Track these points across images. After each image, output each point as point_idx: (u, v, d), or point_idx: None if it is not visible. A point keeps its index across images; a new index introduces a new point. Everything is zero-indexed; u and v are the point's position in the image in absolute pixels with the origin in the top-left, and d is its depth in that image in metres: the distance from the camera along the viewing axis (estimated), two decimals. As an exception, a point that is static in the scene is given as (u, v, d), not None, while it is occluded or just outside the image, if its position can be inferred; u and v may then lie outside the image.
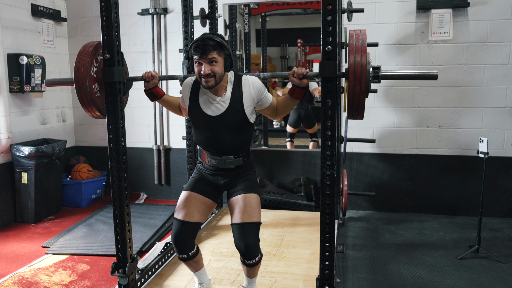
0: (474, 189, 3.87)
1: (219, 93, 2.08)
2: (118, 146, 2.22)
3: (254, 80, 2.11)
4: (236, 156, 2.12)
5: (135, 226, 3.63)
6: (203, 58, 1.95)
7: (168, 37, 4.52)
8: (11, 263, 3.08)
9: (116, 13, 2.16)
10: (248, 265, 2.11)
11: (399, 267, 2.94)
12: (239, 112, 2.06)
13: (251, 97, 2.08)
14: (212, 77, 1.98)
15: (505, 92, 3.82)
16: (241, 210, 2.06)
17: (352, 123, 4.08)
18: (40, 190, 3.97)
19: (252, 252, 2.06)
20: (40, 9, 4.29)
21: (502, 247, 3.26)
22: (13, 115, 3.98)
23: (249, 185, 2.13)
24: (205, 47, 1.94)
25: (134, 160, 4.68)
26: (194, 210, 2.12)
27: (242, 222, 2.04)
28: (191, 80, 2.18)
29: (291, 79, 1.97)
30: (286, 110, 2.14)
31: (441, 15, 3.83)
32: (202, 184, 2.19)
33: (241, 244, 2.04)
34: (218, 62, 1.98)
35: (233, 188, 2.16)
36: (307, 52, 6.16)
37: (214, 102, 2.08)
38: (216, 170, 2.17)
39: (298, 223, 3.53)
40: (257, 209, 2.09)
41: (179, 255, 2.15)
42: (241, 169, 2.17)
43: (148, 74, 2.17)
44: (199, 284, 2.33)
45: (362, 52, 1.68)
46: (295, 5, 5.10)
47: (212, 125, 2.08)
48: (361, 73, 1.70)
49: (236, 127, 2.08)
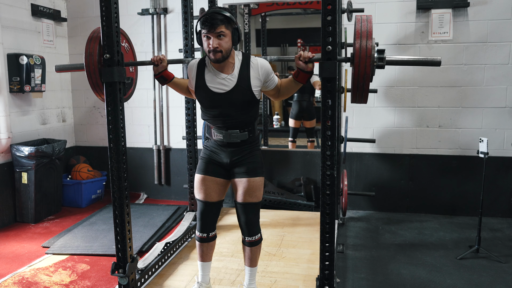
0: (474, 189, 3.87)
1: (226, 70, 2.11)
2: (118, 146, 2.22)
3: (263, 62, 2.14)
4: (242, 130, 2.15)
5: (135, 226, 3.63)
6: (211, 32, 2.00)
7: (168, 37, 4.52)
8: (11, 263, 3.08)
9: (116, 13, 2.16)
10: (249, 243, 2.22)
11: (399, 267, 2.94)
12: (246, 90, 2.10)
13: (258, 77, 2.12)
14: (219, 51, 2.02)
15: (505, 92, 3.82)
16: (245, 191, 2.16)
17: (352, 123, 4.09)
18: (40, 190, 3.97)
19: (253, 228, 2.20)
20: (40, 9, 4.29)
21: (502, 247, 3.26)
22: (13, 115, 3.98)
23: (253, 167, 2.18)
24: (213, 21, 1.98)
25: (134, 160, 4.68)
26: (211, 192, 2.22)
27: (244, 202, 2.17)
28: (195, 61, 2.21)
29: (297, 62, 1.98)
30: (289, 92, 2.18)
31: (441, 15, 3.83)
32: (211, 166, 2.23)
33: (243, 220, 2.19)
34: (226, 35, 2.03)
35: (239, 168, 2.19)
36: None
37: (221, 79, 2.11)
38: (222, 145, 2.20)
39: (298, 223, 3.53)
40: (259, 191, 2.19)
41: (200, 233, 2.26)
42: (246, 144, 2.19)
43: (156, 58, 2.19)
44: (198, 284, 2.34)
45: (368, 37, 1.68)
46: (295, 5, 5.09)
47: (219, 101, 2.11)
48: (366, 57, 1.69)
49: (243, 104, 2.12)
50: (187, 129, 3.49)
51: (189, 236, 3.22)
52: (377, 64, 1.75)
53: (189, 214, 3.41)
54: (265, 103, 5.28)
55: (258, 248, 2.26)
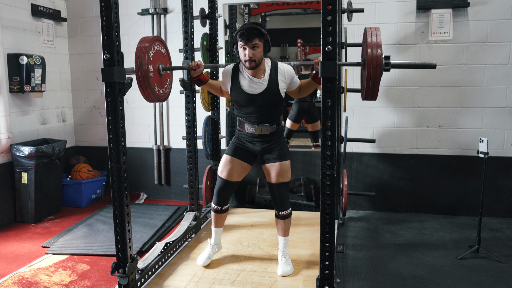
0: (474, 189, 3.87)
1: (258, 75, 2.49)
2: (118, 146, 2.22)
3: (289, 68, 2.56)
4: (271, 124, 2.57)
5: (135, 226, 3.63)
6: (247, 44, 2.37)
7: (168, 37, 4.52)
8: (11, 263, 3.08)
9: (116, 13, 2.16)
10: (281, 216, 2.62)
11: (399, 267, 2.94)
12: (275, 91, 2.50)
13: (285, 81, 2.53)
14: (253, 61, 2.40)
15: (505, 92, 3.82)
16: (278, 173, 2.56)
17: (352, 123, 4.09)
18: (40, 190, 3.97)
19: (285, 204, 2.61)
20: (40, 9, 4.29)
21: (502, 247, 3.26)
22: (13, 115, 3.98)
23: (283, 153, 2.59)
24: (249, 35, 2.36)
25: (134, 160, 4.68)
26: (234, 172, 2.63)
27: (277, 182, 2.57)
28: (230, 67, 2.59)
29: (316, 67, 2.33)
30: (308, 91, 2.59)
31: (441, 15, 3.83)
32: (240, 150, 2.65)
33: (278, 198, 2.59)
34: (259, 47, 2.41)
35: (269, 154, 2.60)
36: (307, 52, 6.16)
37: (254, 82, 2.50)
38: (254, 137, 2.60)
39: (298, 223, 3.53)
40: (288, 172, 2.60)
41: (215, 206, 2.69)
42: (275, 135, 2.60)
43: (194, 64, 2.64)
44: (211, 245, 2.79)
45: (378, 47, 1.94)
46: (295, 5, 5.10)
47: (252, 101, 2.51)
48: (377, 65, 1.93)
49: (272, 103, 2.52)
50: (187, 129, 3.48)
51: (189, 236, 3.22)
52: (384, 68, 1.99)
53: (189, 214, 3.41)
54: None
55: (289, 220, 2.66)
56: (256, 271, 2.66)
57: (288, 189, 2.65)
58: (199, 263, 2.73)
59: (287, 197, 2.63)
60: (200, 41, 3.72)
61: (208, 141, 3.90)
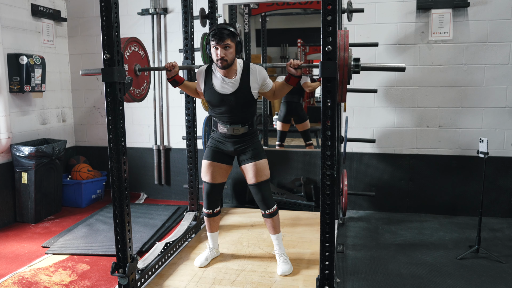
0: (474, 189, 3.87)
1: (230, 75, 2.51)
2: (118, 146, 2.22)
3: (260, 69, 2.57)
4: (243, 124, 2.58)
5: (135, 226, 3.63)
6: (219, 44, 2.40)
7: (168, 37, 4.52)
8: (11, 263, 3.08)
9: (116, 13, 2.16)
10: (268, 215, 2.62)
11: (399, 267, 2.94)
12: (246, 92, 2.52)
13: (256, 81, 2.54)
14: (225, 60, 2.43)
15: (505, 92, 3.82)
16: (254, 174, 2.57)
17: (352, 123, 4.09)
18: (40, 190, 3.97)
19: (268, 202, 2.60)
20: (40, 9, 4.29)
21: (502, 247, 3.26)
22: (13, 115, 3.98)
23: (257, 152, 2.61)
24: (221, 35, 2.39)
25: (134, 160, 4.68)
26: (216, 175, 2.66)
27: (256, 182, 2.58)
28: (203, 68, 2.62)
29: (288, 68, 2.38)
30: (282, 93, 2.60)
31: (441, 15, 3.83)
32: (216, 154, 2.66)
33: (260, 197, 2.60)
34: (231, 47, 2.43)
35: (244, 155, 2.62)
36: (307, 52, 6.15)
37: (226, 82, 2.51)
38: (227, 137, 2.62)
39: (298, 223, 3.53)
40: (266, 170, 2.61)
41: (207, 210, 2.73)
42: (247, 136, 2.61)
43: (169, 64, 2.64)
44: (209, 248, 2.80)
45: (346, 49, 2.05)
46: (295, 5, 5.09)
47: (224, 101, 2.53)
48: (343, 63, 2.06)
49: (244, 103, 2.54)
50: (187, 129, 3.49)
51: (189, 236, 3.22)
52: (354, 70, 2.08)
53: (189, 214, 3.41)
54: (265, 104, 5.28)
55: (277, 218, 2.65)
56: (256, 271, 2.66)
57: (269, 186, 2.64)
58: (197, 264, 2.74)
59: (270, 194, 2.63)
60: (200, 41, 3.72)
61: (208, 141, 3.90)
